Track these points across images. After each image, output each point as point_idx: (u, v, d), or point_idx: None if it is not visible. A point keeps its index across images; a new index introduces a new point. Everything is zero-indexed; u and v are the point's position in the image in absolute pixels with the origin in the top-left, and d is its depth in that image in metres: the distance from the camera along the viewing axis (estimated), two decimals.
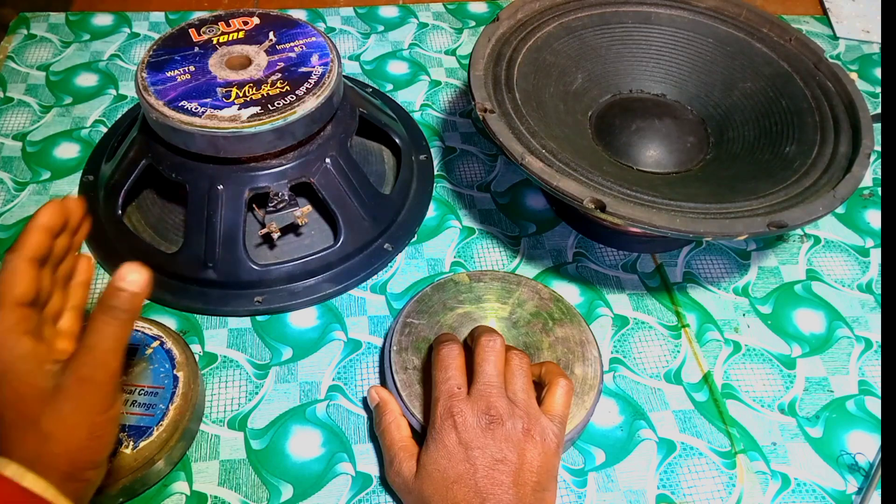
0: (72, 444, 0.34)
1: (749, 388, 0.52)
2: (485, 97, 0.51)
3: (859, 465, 0.48)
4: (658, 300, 0.57)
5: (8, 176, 0.63)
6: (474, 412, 0.39)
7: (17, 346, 0.34)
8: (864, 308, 0.57)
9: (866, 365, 0.53)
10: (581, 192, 0.46)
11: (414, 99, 0.73)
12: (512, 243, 0.60)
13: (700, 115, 0.61)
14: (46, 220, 0.37)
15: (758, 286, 0.58)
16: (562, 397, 0.42)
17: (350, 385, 0.51)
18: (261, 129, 0.49)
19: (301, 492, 0.45)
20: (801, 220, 0.46)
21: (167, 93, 0.50)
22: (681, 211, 0.47)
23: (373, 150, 0.64)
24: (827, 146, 0.53)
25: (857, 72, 0.79)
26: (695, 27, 0.62)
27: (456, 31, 0.81)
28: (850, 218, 0.64)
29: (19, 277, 0.35)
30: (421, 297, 0.51)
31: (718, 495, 0.46)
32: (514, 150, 0.48)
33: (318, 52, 0.54)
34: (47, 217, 0.37)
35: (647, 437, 0.49)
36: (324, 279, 0.55)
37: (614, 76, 0.62)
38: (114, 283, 0.33)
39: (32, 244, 0.36)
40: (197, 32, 0.55)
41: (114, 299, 0.33)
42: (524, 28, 0.60)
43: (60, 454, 0.34)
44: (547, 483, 0.39)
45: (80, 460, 0.34)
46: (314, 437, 0.48)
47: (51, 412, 0.33)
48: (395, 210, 0.60)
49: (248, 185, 0.52)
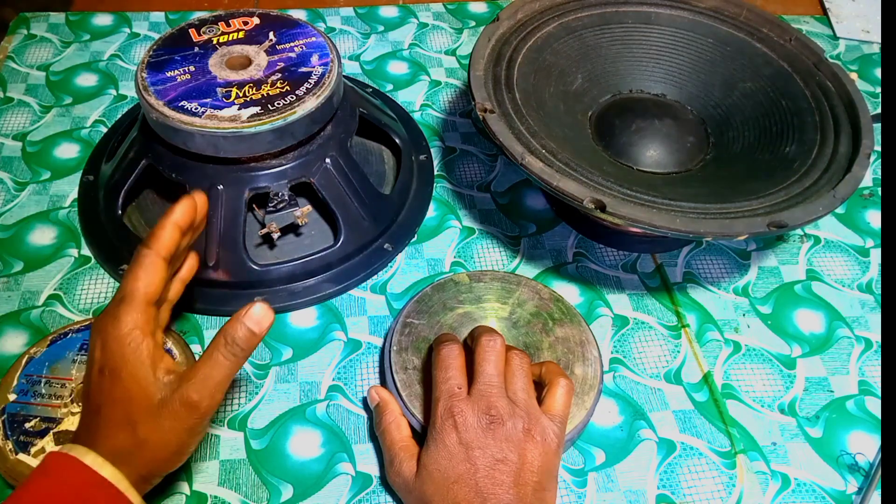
0: (160, 454, 0.35)
1: (749, 388, 0.52)
2: (485, 97, 0.51)
3: (859, 465, 0.48)
4: (658, 300, 0.57)
5: (8, 176, 0.63)
6: (475, 412, 0.39)
7: (143, 346, 0.35)
8: (864, 308, 0.57)
9: (866, 365, 0.53)
10: (581, 192, 0.46)
11: (414, 99, 0.73)
12: (512, 243, 0.60)
13: (700, 115, 0.61)
14: (181, 217, 0.37)
15: (758, 286, 0.58)
16: (562, 397, 0.42)
17: (350, 385, 0.51)
18: (261, 129, 0.49)
19: (301, 492, 0.45)
20: (801, 220, 0.46)
21: (167, 93, 0.50)
22: (681, 211, 0.47)
23: (373, 150, 0.64)
24: (827, 146, 0.53)
25: (857, 72, 0.79)
26: (695, 27, 0.62)
27: (456, 31, 0.81)
28: (850, 218, 0.64)
29: (155, 276, 0.36)
30: (421, 297, 0.51)
31: (718, 495, 0.46)
32: (514, 150, 0.48)
33: (318, 52, 0.54)
34: (182, 215, 0.37)
35: (647, 437, 0.49)
36: (324, 279, 0.55)
37: (614, 76, 0.62)
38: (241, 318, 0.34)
39: (168, 242, 0.37)
40: (197, 32, 0.55)
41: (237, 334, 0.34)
42: (524, 28, 0.60)
43: (146, 460, 0.35)
44: (547, 483, 0.39)
45: (159, 469, 0.36)
46: (314, 437, 0.48)
47: (152, 422, 0.34)
48: (395, 210, 0.60)
49: (248, 185, 0.52)
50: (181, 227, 0.37)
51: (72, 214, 0.60)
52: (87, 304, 0.54)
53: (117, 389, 0.35)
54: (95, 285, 0.55)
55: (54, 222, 0.59)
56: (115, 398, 0.35)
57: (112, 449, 0.35)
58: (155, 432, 0.35)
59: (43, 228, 0.59)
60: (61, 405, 0.45)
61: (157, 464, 0.36)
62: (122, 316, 0.35)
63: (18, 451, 0.43)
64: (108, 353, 0.35)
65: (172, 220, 0.37)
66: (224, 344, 0.34)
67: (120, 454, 0.35)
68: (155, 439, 0.35)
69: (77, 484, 0.33)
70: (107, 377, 0.35)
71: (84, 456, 0.34)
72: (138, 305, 0.35)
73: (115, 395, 0.35)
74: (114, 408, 0.35)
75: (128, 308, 0.35)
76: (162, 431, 0.35)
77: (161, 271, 0.36)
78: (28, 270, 0.56)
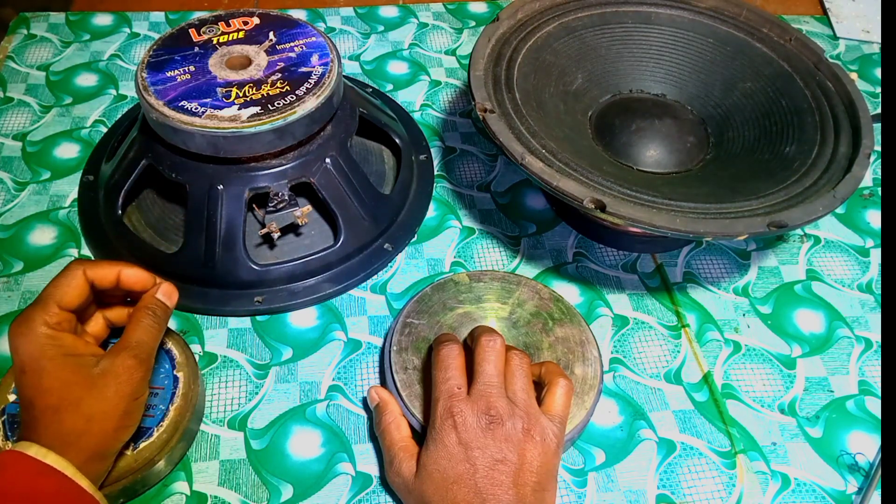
0: (108, 424, 0.37)
1: (749, 388, 0.52)
2: (485, 97, 0.51)
3: (859, 465, 0.48)
4: (658, 300, 0.57)
5: (8, 176, 0.63)
6: (474, 412, 0.39)
7: (61, 337, 0.38)
8: (864, 308, 0.57)
9: (866, 365, 0.53)
10: (581, 192, 0.46)
11: (414, 99, 0.73)
12: (512, 243, 0.60)
13: (700, 115, 0.61)
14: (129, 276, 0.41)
15: (758, 286, 0.58)
16: (562, 397, 0.42)
17: (350, 385, 0.51)
18: (261, 129, 0.49)
19: (301, 492, 0.45)
20: (801, 220, 0.46)
21: (167, 93, 0.50)
22: (681, 211, 0.47)
23: (373, 150, 0.64)
24: (827, 146, 0.53)
25: (857, 72, 0.79)
26: (695, 27, 0.62)
27: (456, 31, 0.81)
28: (850, 218, 0.64)
29: (73, 288, 0.39)
30: (421, 297, 0.51)
31: (718, 495, 0.46)
32: (514, 150, 0.48)
33: (318, 52, 0.54)
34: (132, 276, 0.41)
35: (647, 437, 0.49)
36: (324, 279, 0.55)
37: (614, 76, 0.62)
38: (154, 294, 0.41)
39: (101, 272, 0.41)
40: (197, 32, 0.55)
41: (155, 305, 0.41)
42: (524, 28, 0.60)
43: (95, 433, 0.37)
44: (547, 483, 0.39)
45: (110, 443, 0.38)
46: (314, 437, 0.48)
47: (96, 393, 0.37)
48: (395, 210, 0.60)
49: (248, 185, 0.52)
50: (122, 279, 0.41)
51: (72, 214, 0.60)
52: None
53: (45, 381, 0.37)
54: None
55: (54, 222, 0.59)
56: (45, 388, 0.37)
57: (57, 434, 0.36)
58: (100, 402, 0.37)
59: (43, 228, 0.59)
60: None
61: (107, 437, 0.38)
62: (33, 317, 0.38)
63: None
64: (24, 352, 0.37)
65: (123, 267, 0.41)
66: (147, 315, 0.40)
67: (66, 438, 0.36)
68: (100, 410, 0.37)
69: (24, 476, 0.35)
70: (29, 374, 0.37)
71: (27, 449, 0.35)
72: (50, 308, 0.38)
73: (43, 386, 0.37)
74: (47, 396, 0.37)
75: (39, 309, 0.38)
76: (107, 400, 0.37)
77: (80, 286, 0.39)
78: (28, 270, 0.56)
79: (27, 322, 0.37)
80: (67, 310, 0.39)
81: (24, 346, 0.37)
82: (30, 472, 0.35)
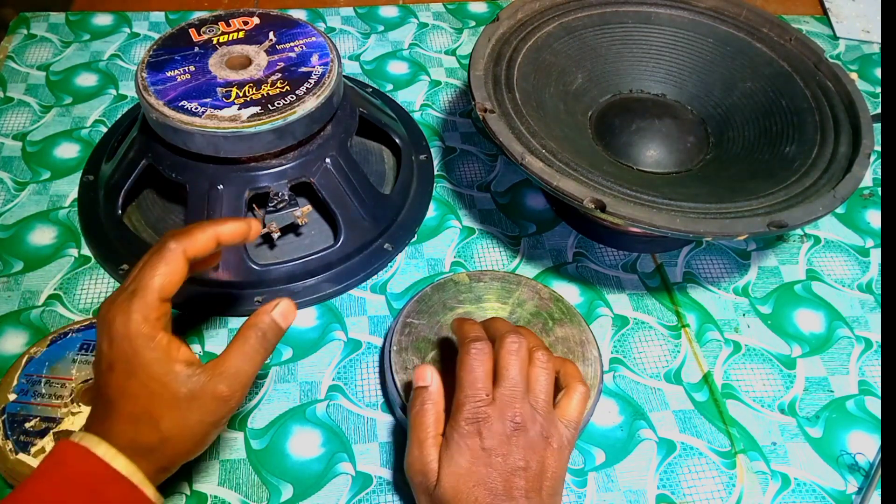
0: (182, 447, 0.35)
1: (749, 388, 0.52)
2: (485, 97, 0.51)
3: (859, 465, 0.48)
4: (658, 300, 0.57)
5: (8, 176, 0.63)
6: (501, 419, 0.39)
7: (157, 341, 0.34)
8: (864, 308, 0.57)
9: (866, 365, 0.53)
10: (581, 192, 0.46)
11: (414, 99, 0.73)
12: (512, 243, 0.60)
13: (700, 115, 0.61)
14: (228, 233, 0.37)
15: (758, 286, 0.58)
16: (579, 404, 0.42)
17: (350, 385, 0.51)
18: (261, 128, 0.49)
19: (301, 492, 0.45)
20: (801, 220, 0.46)
21: (167, 93, 0.50)
22: (681, 211, 0.47)
23: (373, 150, 0.64)
24: (827, 146, 0.53)
25: (857, 72, 0.79)
26: (695, 27, 0.62)
27: (456, 31, 0.81)
28: (850, 218, 0.64)
29: (174, 275, 0.35)
30: (421, 297, 0.51)
31: (718, 495, 0.46)
32: (514, 150, 0.48)
33: (318, 52, 0.54)
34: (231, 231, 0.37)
35: (647, 437, 0.49)
36: (324, 279, 0.55)
37: (614, 76, 0.62)
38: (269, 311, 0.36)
39: (201, 246, 0.36)
40: (197, 32, 0.55)
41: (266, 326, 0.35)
42: (524, 28, 0.60)
43: (167, 452, 0.34)
44: (559, 487, 0.39)
45: (179, 460, 0.36)
46: (314, 437, 0.48)
47: (177, 416, 0.34)
48: (395, 210, 0.60)
49: (248, 185, 0.52)
50: (222, 240, 0.37)
51: (72, 214, 0.60)
52: (87, 303, 0.54)
53: (132, 385, 0.34)
54: (95, 285, 0.55)
55: (54, 222, 0.59)
56: (131, 393, 0.34)
57: (131, 443, 0.34)
58: (180, 426, 0.34)
59: (43, 228, 0.59)
60: (61, 405, 0.45)
61: (178, 456, 0.35)
62: (134, 311, 0.33)
63: (18, 451, 0.43)
64: (117, 349, 0.34)
65: (217, 229, 0.36)
66: (255, 337, 0.35)
67: (140, 448, 0.34)
68: (179, 433, 0.34)
69: (88, 476, 0.33)
70: (118, 373, 0.34)
71: (96, 447, 0.33)
72: (152, 301, 0.34)
73: (129, 390, 0.34)
74: (131, 403, 0.34)
75: (140, 302, 0.34)
76: (187, 425, 0.34)
77: (181, 271, 0.35)
78: (28, 270, 0.56)
79: (125, 314, 0.33)
80: (167, 300, 0.35)
81: (120, 343, 0.34)
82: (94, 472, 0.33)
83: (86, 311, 0.53)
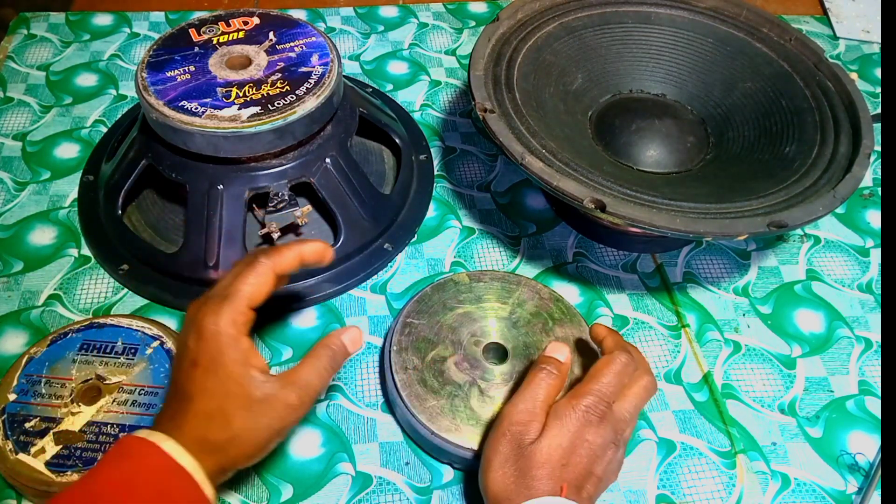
0: (247, 449, 0.36)
1: (749, 388, 0.52)
2: (485, 97, 0.51)
3: (859, 465, 0.48)
4: (658, 300, 0.57)
5: (8, 176, 0.63)
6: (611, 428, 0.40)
7: (240, 344, 0.36)
8: (864, 308, 0.57)
9: (866, 365, 0.53)
10: (581, 192, 0.46)
11: (414, 99, 0.73)
12: (512, 243, 0.60)
13: (700, 115, 0.61)
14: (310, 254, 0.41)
15: (758, 286, 0.58)
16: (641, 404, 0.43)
17: (350, 385, 0.51)
18: (261, 128, 0.49)
19: (301, 492, 0.45)
20: (801, 220, 0.46)
21: (167, 93, 0.50)
22: (681, 211, 0.47)
23: (373, 150, 0.64)
24: (827, 146, 0.53)
25: (857, 72, 0.79)
26: (695, 27, 0.62)
27: (456, 31, 0.81)
28: (850, 218, 0.64)
29: (264, 287, 0.38)
30: (421, 297, 0.51)
31: (718, 495, 0.46)
32: (514, 150, 0.48)
33: (318, 52, 0.54)
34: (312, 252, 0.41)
35: (647, 437, 0.49)
36: (324, 279, 0.55)
37: (614, 76, 0.62)
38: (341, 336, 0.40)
39: (287, 264, 0.40)
40: (197, 32, 0.55)
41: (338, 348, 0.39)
42: (524, 28, 0.60)
43: (233, 453, 0.36)
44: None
45: (240, 462, 0.37)
46: (314, 437, 0.48)
47: (249, 417, 0.36)
48: (395, 210, 0.60)
49: (248, 185, 0.52)
50: (305, 260, 0.40)
51: (72, 214, 0.60)
52: (87, 303, 0.54)
53: (211, 382, 0.36)
54: (95, 285, 0.55)
55: (54, 222, 0.59)
56: (209, 390, 0.36)
57: (200, 439, 0.35)
58: (249, 428, 0.36)
59: (43, 228, 0.59)
60: (61, 405, 0.45)
61: (241, 458, 0.37)
62: (224, 313, 0.36)
63: (18, 451, 0.43)
64: (204, 346, 0.36)
65: (301, 249, 0.40)
66: (326, 356, 0.39)
67: (207, 445, 0.35)
68: (247, 434, 0.36)
69: (154, 470, 0.34)
70: (201, 369, 0.36)
71: (163, 442, 0.34)
72: (241, 307, 0.37)
73: (209, 387, 0.36)
74: (207, 399, 0.36)
75: (231, 307, 0.37)
76: (257, 428, 0.36)
77: (269, 285, 0.38)
78: (28, 270, 0.56)
79: (216, 315, 0.36)
80: (253, 308, 0.38)
81: (208, 341, 0.36)
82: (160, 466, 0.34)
83: (86, 311, 0.53)
